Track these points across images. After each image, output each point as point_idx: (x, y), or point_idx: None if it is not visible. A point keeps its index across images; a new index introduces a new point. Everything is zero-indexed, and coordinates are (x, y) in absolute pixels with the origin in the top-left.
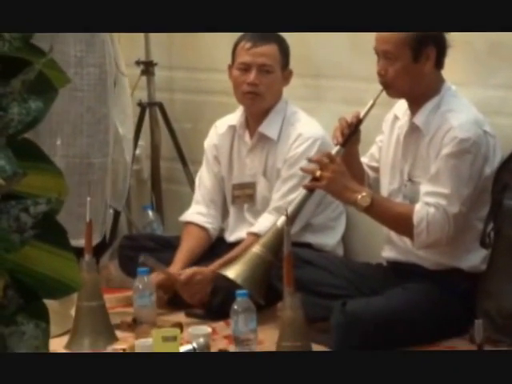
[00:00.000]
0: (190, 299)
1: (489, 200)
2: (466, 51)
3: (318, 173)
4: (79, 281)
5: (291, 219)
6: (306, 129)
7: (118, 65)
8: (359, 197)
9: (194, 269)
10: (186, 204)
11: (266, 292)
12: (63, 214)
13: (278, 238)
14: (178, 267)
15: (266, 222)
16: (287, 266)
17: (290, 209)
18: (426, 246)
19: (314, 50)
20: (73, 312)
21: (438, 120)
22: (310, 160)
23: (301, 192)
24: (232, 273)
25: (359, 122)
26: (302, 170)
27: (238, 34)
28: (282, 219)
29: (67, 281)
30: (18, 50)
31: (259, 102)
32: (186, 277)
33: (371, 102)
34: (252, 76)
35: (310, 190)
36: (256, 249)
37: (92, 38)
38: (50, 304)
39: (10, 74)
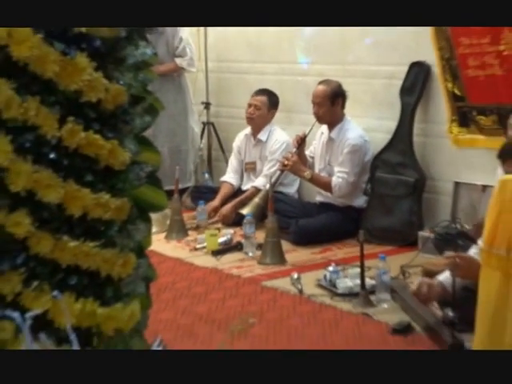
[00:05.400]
0: (224, 222)
1: (368, 173)
2: (356, 101)
3: (286, 162)
4: (165, 204)
5: (273, 185)
6: (279, 137)
7: (191, 97)
8: (305, 174)
9: (223, 213)
10: (223, 170)
11: (261, 218)
12: (163, 176)
13: (266, 195)
14: (218, 202)
15: (260, 181)
16: (270, 202)
17: (272, 180)
18: (338, 196)
19: (287, 98)
20: (168, 221)
21: (342, 134)
22: (283, 157)
23: (277, 172)
24: (244, 210)
25: (305, 137)
26: (279, 161)
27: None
28: (267, 186)
29: (159, 204)
30: (139, 91)
31: (252, 122)
32: (222, 215)
33: (311, 127)
34: (250, 110)
35: (282, 171)
36: (256, 199)
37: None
38: (157, 216)
39: (135, 103)
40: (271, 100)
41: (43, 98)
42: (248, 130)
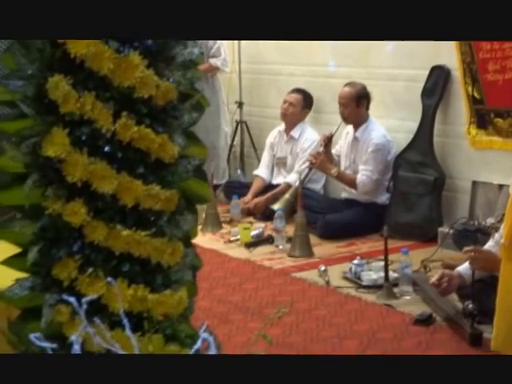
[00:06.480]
0: (256, 213)
1: (390, 171)
2: (379, 102)
3: (314, 160)
4: (210, 196)
5: (302, 182)
6: (310, 135)
7: (223, 97)
8: (332, 171)
9: (256, 202)
10: (254, 167)
11: (290, 213)
12: None
13: (295, 191)
14: (250, 196)
15: (292, 177)
16: (300, 198)
17: (302, 177)
18: (362, 193)
19: (315, 98)
20: (203, 215)
21: (366, 134)
22: (311, 155)
23: (306, 169)
24: (275, 206)
25: (331, 136)
26: (308, 159)
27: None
28: (297, 182)
29: (205, 196)
30: (187, 89)
31: (285, 118)
32: (253, 205)
33: (337, 126)
34: (285, 106)
35: (310, 168)
36: (287, 195)
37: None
38: None
39: (183, 99)
40: (306, 100)
41: (98, 94)
42: (282, 126)
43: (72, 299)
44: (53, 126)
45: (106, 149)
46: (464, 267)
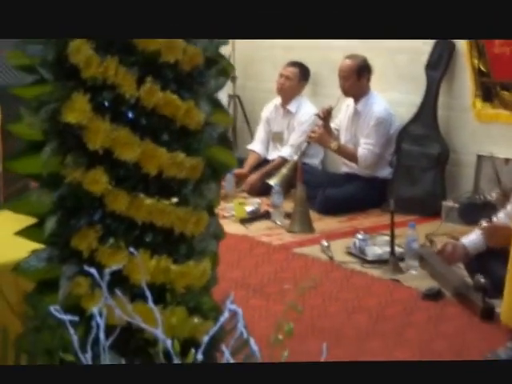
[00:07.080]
0: (251, 192)
1: (392, 145)
2: (380, 75)
3: (312, 134)
4: (235, 164)
5: (301, 155)
6: (308, 109)
7: None
8: (332, 145)
9: (250, 183)
10: (248, 142)
11: (287, 188)
12: None
13: (294, 166)
14: (247, 169)
15: (286, 151)
16: (299, 172)
17: (301, 151)
18: (363, 167)
19: (312, 71)
20: None
21: (368, 107)
22: (310, 130)
23: (304, 143)
24: (272, 181)
25: (331, 109)
26: (307, 134)
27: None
28: (295, 157)
29: (229, 164)
30: (213, 54)
31: (281, 92)
32: (249, 185)
33: (337, 100)
34: (281, 80)
35: (309, 142)
36: (284, 169)
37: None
38: None
39: (209, 65)
40: (302, 72)
41: (122, 58)
42: (277, 100)
43: (93, 270)
44: (73, 92)
45: (130, 115)
46: (469, 240)
